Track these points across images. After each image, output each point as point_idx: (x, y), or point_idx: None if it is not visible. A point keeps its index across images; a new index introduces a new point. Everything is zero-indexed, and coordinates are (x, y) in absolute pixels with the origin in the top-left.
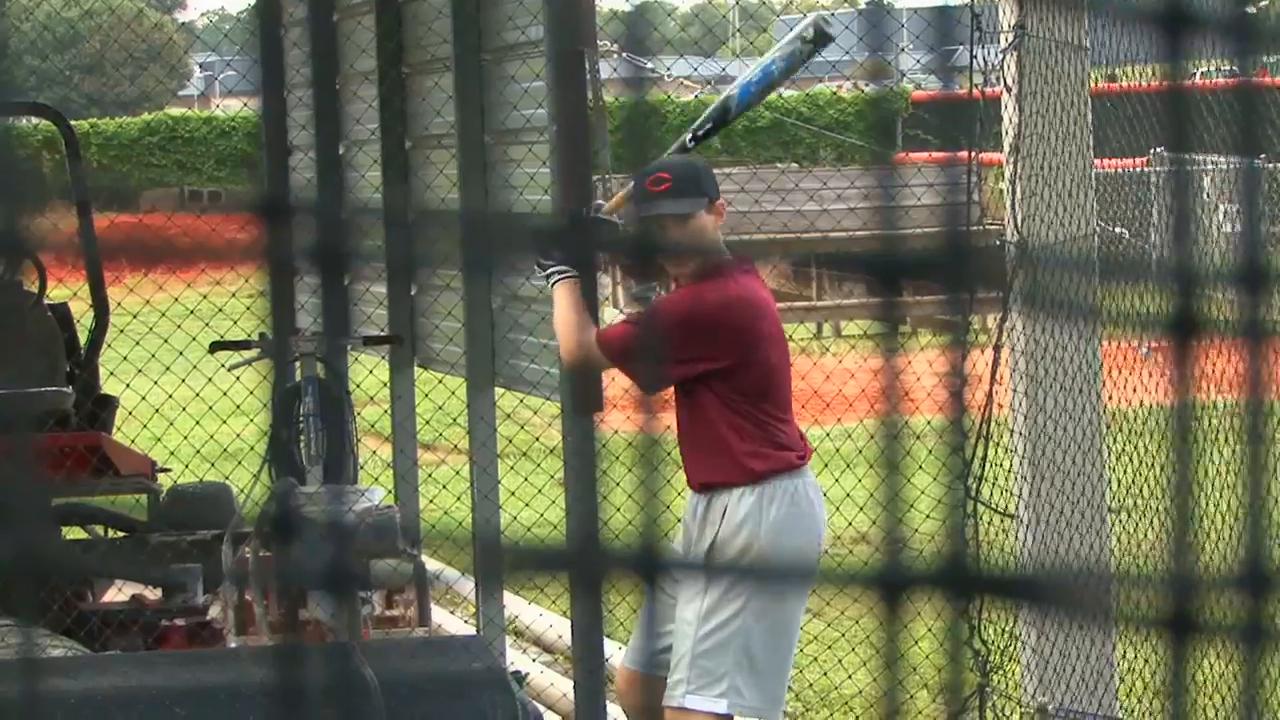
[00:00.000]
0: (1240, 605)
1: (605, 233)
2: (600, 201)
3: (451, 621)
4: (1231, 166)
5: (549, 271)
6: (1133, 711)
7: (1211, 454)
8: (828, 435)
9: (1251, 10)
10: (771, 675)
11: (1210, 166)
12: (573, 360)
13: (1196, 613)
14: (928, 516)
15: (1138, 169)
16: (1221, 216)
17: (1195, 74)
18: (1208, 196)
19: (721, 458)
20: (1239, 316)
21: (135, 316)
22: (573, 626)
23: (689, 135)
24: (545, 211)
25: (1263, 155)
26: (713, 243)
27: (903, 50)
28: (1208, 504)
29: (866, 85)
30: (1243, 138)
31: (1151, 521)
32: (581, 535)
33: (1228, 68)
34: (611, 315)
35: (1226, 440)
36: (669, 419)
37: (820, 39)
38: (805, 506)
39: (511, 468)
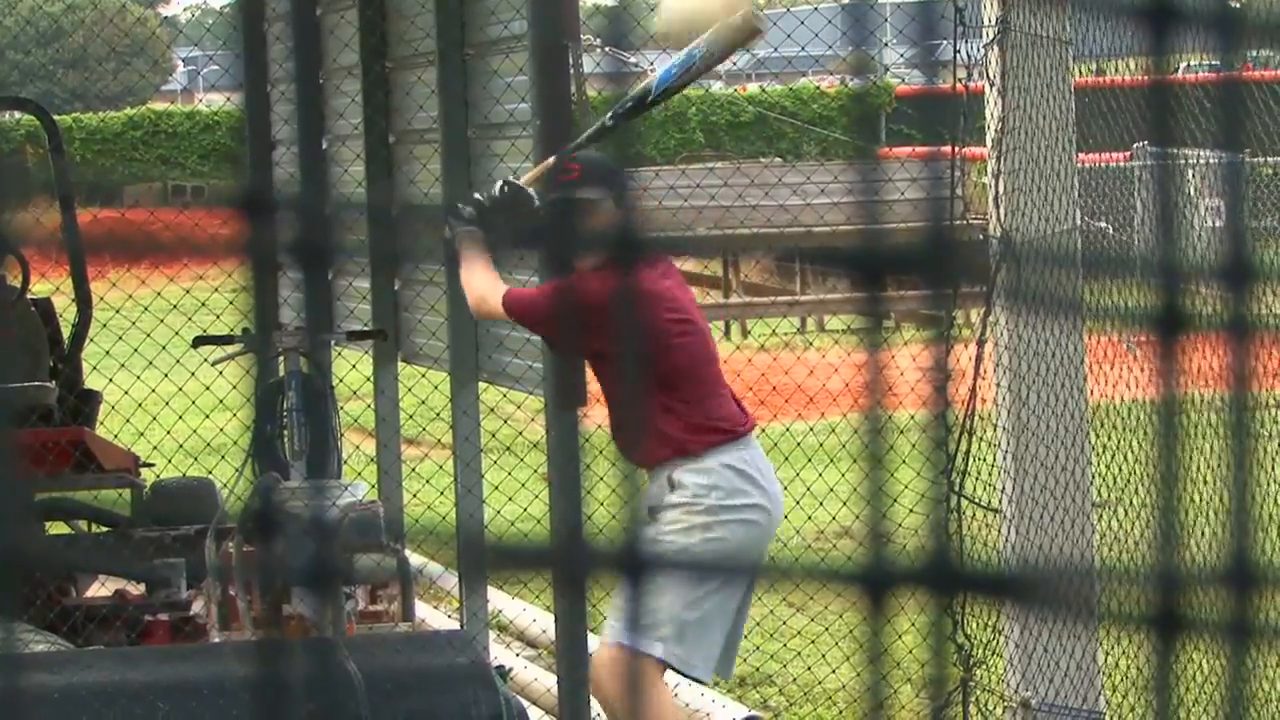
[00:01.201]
0: (1226, 601)
1: (522, 202)
2: (514, 179)
3: (435, 616)
4: (1215, 161)
5: (455, 232)
6: (1116, 706)
7: (1195, 449)
8: (811, 430)
9: (1235, 5)
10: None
11: (1194, 161)
12: (481, 313)
13: (1182, 609)
14: (911, 511)
15: (1121, 164)
16: (1204, 211)
17: (1179, 68)
18: (1192, 191)
19: (659, 439)
20: (1223, 311)
21: (118, 311)
22: (556, 621)
23: (609, 114)
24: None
25: (1247, 150)
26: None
27: (886, 45)
28: (1192, 499)
29: (850, 80)
30: (1227, 132)
31: (1136, 516)
32: (565, 530)
33: (1212, 62)
34: None
35: (1209, 435)
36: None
37: (748, 31)
38: (753, 473)
39: (495, 462)
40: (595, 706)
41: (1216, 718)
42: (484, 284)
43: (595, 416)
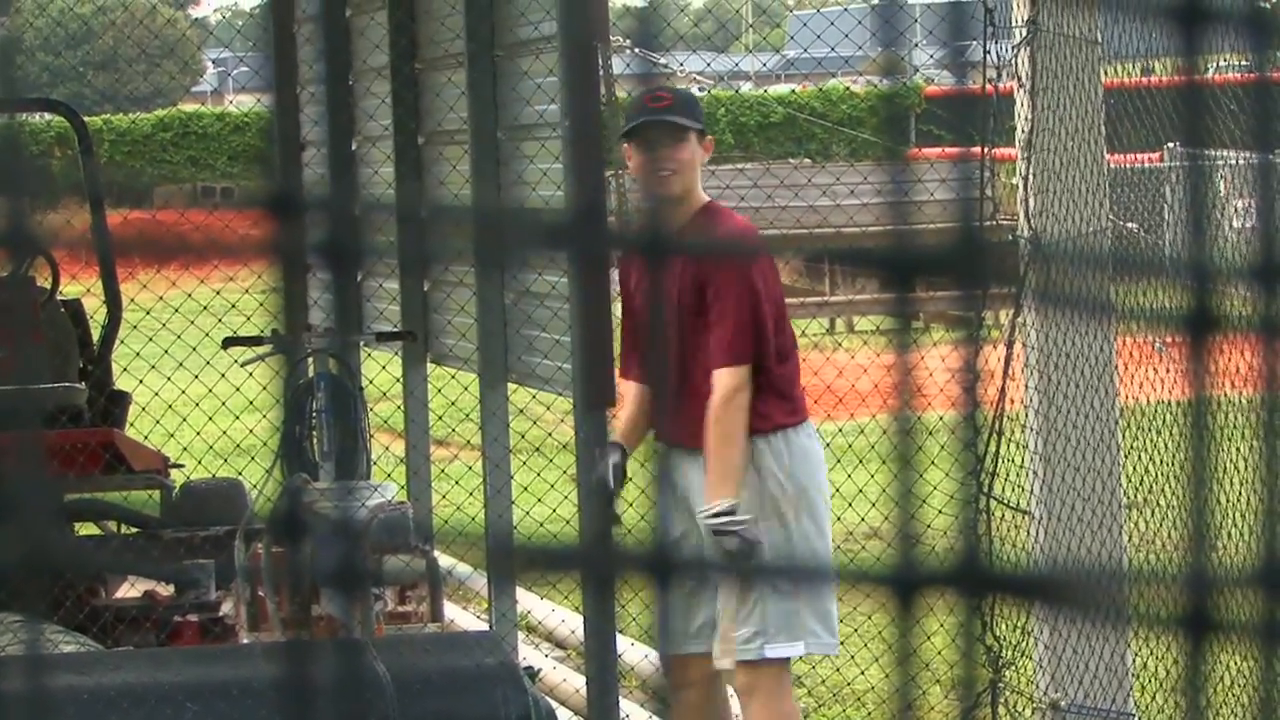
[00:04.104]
0: (1257, 602)
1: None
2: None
3: (464, 617)
4: (1245, 162)
5: (734, 529)
6: (1146, 708)
7: (1227, 449)
8: (840, 431)
9: (1265, 5)
10: (834, 605)
11: (1223, 162)
12: (742, 410)
13: (1213, 610)
14: (940, 512)
15: (1151, 164)
16: (1234, 212)
17: (1210, 69)
18: (1221, 192)
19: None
20: (1254, 311)
21: (148, 312)
22: (585, 622)
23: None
24: (558, 207)
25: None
26: (695, 179)
27: (916, 46)
28: (1223, 500)
29: (880, 80)
30: (1258, 132)
31: (1166, 518)
32: (594, 531)
33: (1242, 62)
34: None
35: (1243, 436)
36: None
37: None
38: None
39: (524, 463)
40: (624, 706)
41: (1245, 718)
42: (739, 429)
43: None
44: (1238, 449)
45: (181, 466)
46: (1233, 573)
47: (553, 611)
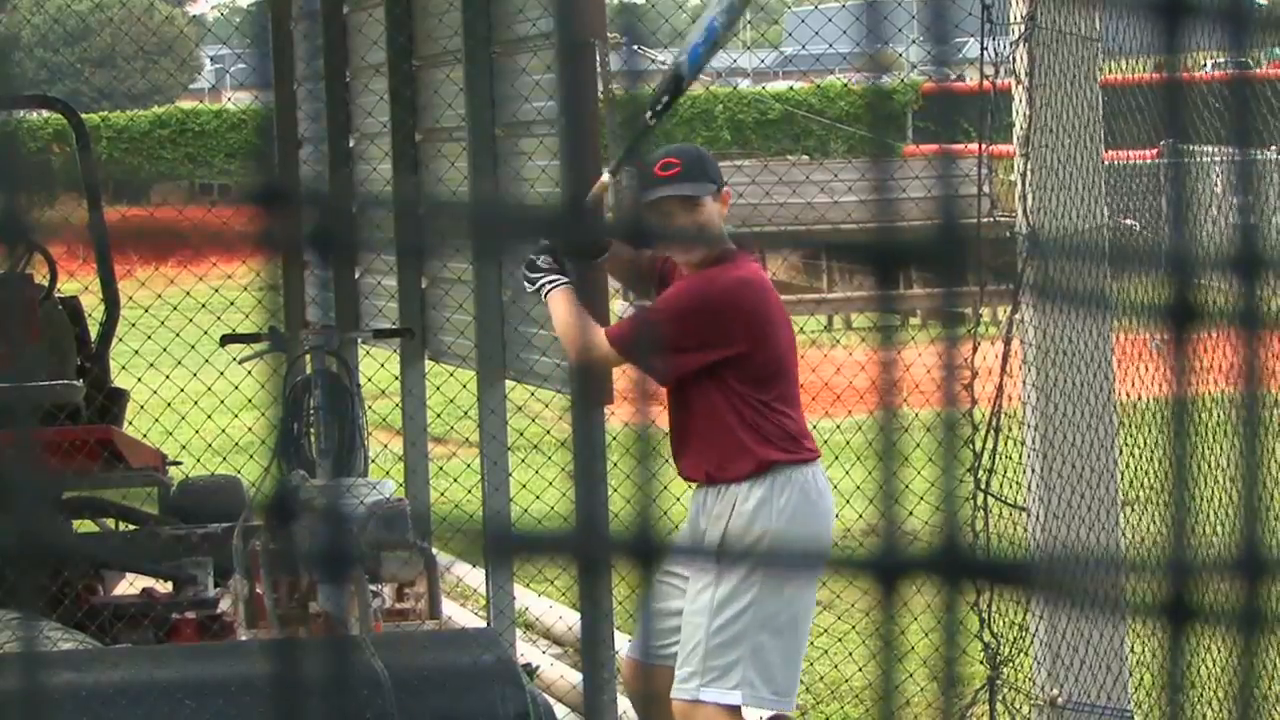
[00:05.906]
0: (1237, 590)
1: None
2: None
3: (462, 614)
4: (1240, 158)
5: (539, 284)
6: (1142, 704)
7: (1218, 446)
8: (838, 428)
9: (1262, 2)
10: (783, 667)
11: (1221, 158)
12: (583, 361)
13: (1194, 599)
14: (937, 508)
15: (1149, 161)
16: (1232, 208)
17: (1207, 65)
18: (1219, 189)
19: (729, 450)
20: (1237, 305)
21: (146, 310)
22: (582, 619)
23: (648, 113)
24: (548, 201)
25: (1274, 147)
26: (718, 231)
27: (914, 42)
28: (1212, 496)
29: (875, 77)
30: (1241, 128)
31: (1160, 514)
32: (588, 527)
33: (1239, 59)
34: (621, 308)
35: (1234, 432)
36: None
37: None
38: (815, 495)
39: (522, 460)
40: (621, 704)
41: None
42: (581, 335)
43: (621, 414)
44: (1225, 445)
45: (179, 464)
46: (1213, 561)
47: (550, 608)
